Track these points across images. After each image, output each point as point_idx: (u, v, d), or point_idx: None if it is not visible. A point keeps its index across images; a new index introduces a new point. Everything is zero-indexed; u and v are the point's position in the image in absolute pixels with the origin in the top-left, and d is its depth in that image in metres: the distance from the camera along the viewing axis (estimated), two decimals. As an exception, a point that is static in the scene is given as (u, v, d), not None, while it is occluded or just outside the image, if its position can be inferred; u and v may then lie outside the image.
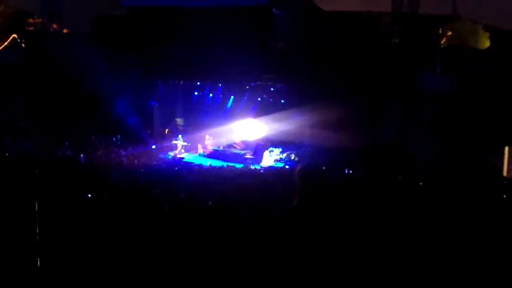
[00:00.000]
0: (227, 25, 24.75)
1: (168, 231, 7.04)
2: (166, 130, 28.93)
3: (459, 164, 19.41)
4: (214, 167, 21.60)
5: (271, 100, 26.16)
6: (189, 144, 27.23)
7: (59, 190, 9.40)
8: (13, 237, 6.48)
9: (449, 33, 25.83)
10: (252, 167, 23.06)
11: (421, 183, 14.21)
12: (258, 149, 25.88)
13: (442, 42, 25.08)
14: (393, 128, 23.34)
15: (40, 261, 6.16)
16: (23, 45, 30.51)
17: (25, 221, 6.80)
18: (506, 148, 22.50)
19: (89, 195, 9.34)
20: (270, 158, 25.14)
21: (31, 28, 31.26)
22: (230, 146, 27.55)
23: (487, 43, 25.62)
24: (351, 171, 19.86)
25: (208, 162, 23.99)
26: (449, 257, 6.28)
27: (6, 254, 6.23)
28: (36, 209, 6.56)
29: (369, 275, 5.71)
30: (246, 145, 27.36)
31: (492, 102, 22.11)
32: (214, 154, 26.69)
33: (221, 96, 27.83)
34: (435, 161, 19.82)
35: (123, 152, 24.61)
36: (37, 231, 6.50)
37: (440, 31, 25.73)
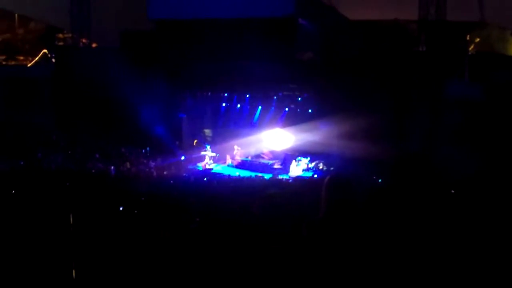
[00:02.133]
0: (253, 36, 24.84)
1: (199, 242, 7.10)
2: (195, 141, 29.05)
3: (488, 173, 19.17)
4: (243, 177, 21.66)
5: (298, 110, 26.17)
6: (217, 155, 27.32)
7: (91, 202, 9.54)
8: (48, 249, 6.60)
9: (477, 40, 25.66)
10: (280, 177, 23.06)
11: (452, 191, 14.11)
12: (286, 159, 25.87)
13: (470, 49, 24.91)
14: (421, 137, 23.15)
15: (75, 272, 6.26)
16: (53, 60, 31.02)
17: (59, 233, 6.92)
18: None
19: (121, 208, 9.44)
20: (298, 168, 25.11)
21: (61, 43, 31.80)
22: (258, 156, 27.57)
23: (516, 49, 25.40)
24: (379, 180, 19.75)
25: (236, 173, 24.08)
26: (482, 266, 6.24)
27: (42, 266, 6.35)
28: (71, 222, 6.67)
29: (400, 285, 5.70)
30: (274, 155, 27.36)
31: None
32: (243, 165, 26.69)
33: (248, 106, 27.90)
34: (464, 170, 19.62)
35: (152, 164, 24.77)
36: (72, 243, 6.60)
37: (468, 38, 25.56)
